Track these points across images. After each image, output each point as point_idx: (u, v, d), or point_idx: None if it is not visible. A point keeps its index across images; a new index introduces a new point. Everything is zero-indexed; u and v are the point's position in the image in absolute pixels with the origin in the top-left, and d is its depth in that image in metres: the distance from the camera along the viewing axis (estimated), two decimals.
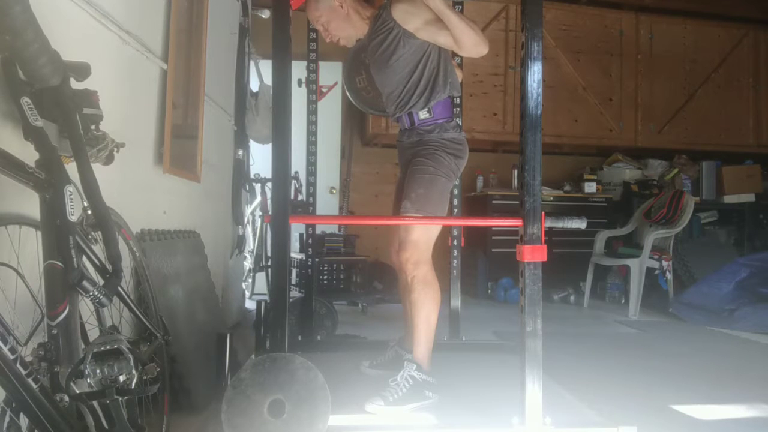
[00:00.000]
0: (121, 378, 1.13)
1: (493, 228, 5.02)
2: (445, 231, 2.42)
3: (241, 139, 3.92)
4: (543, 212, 1.64)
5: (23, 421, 1.06)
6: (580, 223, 1.94)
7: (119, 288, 1.40)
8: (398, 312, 2.83)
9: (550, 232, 4.82)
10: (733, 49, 6.04)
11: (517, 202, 1.68)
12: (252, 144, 4.11)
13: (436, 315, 2.02)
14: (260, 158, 4.20)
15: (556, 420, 1.61)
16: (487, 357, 2.56)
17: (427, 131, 2.09)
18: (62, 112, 1.35)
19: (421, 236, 2.00)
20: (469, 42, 1.93)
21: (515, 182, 5.42)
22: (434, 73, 2.07)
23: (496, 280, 5.16)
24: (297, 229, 4.07)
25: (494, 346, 2.77)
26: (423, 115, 2.09)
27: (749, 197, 5.78)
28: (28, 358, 1.08)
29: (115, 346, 1.13)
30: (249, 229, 4.66)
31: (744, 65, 6.07)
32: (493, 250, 5.15)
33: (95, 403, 1.13)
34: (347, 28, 2.12)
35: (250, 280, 4.81)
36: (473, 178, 5.52)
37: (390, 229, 2.33)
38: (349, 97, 2.44)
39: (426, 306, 1.99)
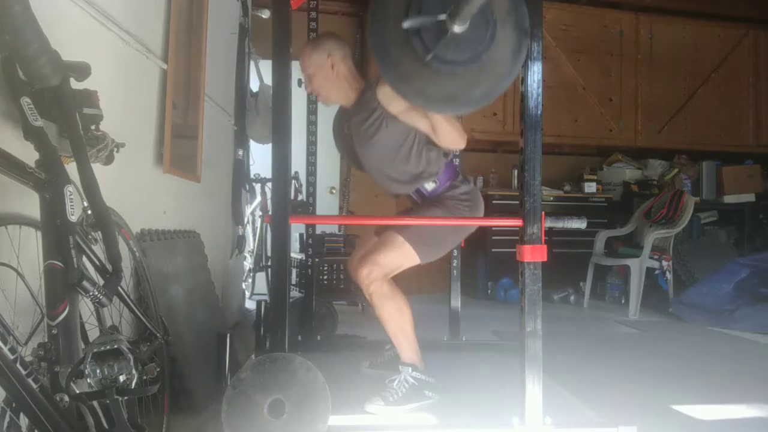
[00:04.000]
0: (121, 378, 1.13)
1: (493, 228, 5.02)
2: None
3: (241, 139, 3.91)
4: (543, 212, 1.64)
5: (23, 421, 1.06)
6: (580, 223, 1.95)
7: (119, 288, 1.40)
8: None
9: (550, 232, 4.82)
10: (733, 49, 6.03)
11: (517, 202, 1.68)
12: (252, 144, 4.10)
13: (407, 320, 2.00)
14: (260, 158, 4.19)
15: (556, 420, 1.61)
16: (487, 357, 2.56)
17: (438, 195, 2.10)
18: (62, 112, 1.35)
19: (388, 262, 1.98)
20: (447, 138, 1.96)
21: (515, 182, 5.42)
22: (426, 151, 2.04)
23: (496, 280, 5.16)
24: (297, 229, 4.07)
25: (494, 346, 2.77)
26: (430, 186, 2.10)
27: (749, 197, 5.77)
28: (28, 358, 1.08)
29: (115, 346, 1.13)
30: (249, 229, 4.66)
31: (744, 65, 6.06)
32: (493, 250, 5.15)
33: (95, 403, 1.13)
34: (331, 89, 2.11)
35: (250, 280, 4.80)
36: (474, 178, 5.52)
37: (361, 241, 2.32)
38: (334, 141, 2.43)
39: (393, 318, 1.98)
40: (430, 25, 1.41)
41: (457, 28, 1.39)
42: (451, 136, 1.95)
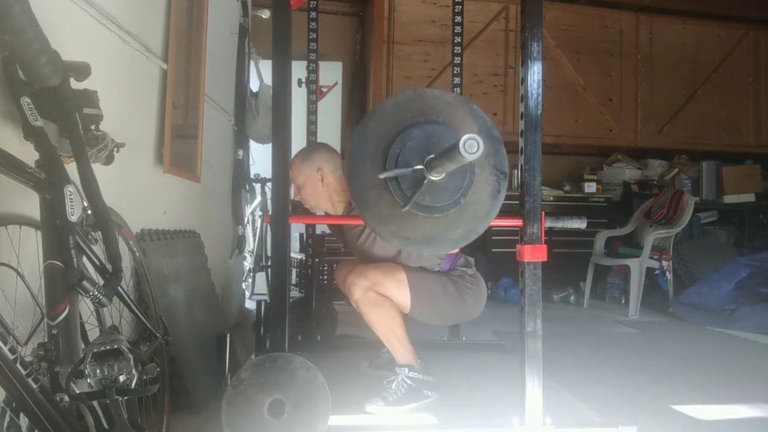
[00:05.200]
0: (121, 378, 1.13)
1: (493, 228, 4.99)
2: None
3: (241, 139, 3.91)
4: (543, 212, 1.64)
5: (23, 421, 1.06)
6: (580, 223, 1.94)
7: (119, 288, 1.40)
8: None
9: (550, 232, 4.82)
10: (733, 49, 6.03)
11: (517, 202, 1.68)
12: (252, 144, 4.10)
13: (398, 323, 1.99)
14: (260, 158, 4.20)
15: (556, 420, 1.61)
16: (487, 357, 2.56)
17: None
18: (62, 112, 1.35)
19: (381, 283, 1.96)
20: None
21: (515, 182, 5.42)
22: None
23: (496, 280, 5.16)
24: (297, 229, 4.07)
25: (494, 346, 2.77)
26: (436, 269, 2.10)
27: (749, 197, 5.77)
28: (28, 358, 1.08)
29: (115, 346, 1.13)
30: (249, 229, 4.66)
31: (744, 65, 6.06)
32: (493, 250, 5.15)
33: (95, 403, 1.13)
34: (320, 200, 2.17)
35: (250, 280, 4.80)
36: None
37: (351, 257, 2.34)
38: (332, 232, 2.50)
39: (382, 323, 1.98)
40: (407, 174, 1.42)
41: (435, 177, 1.39)
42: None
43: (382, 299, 1.96)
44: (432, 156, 1.37)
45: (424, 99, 1.52)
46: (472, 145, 1.11)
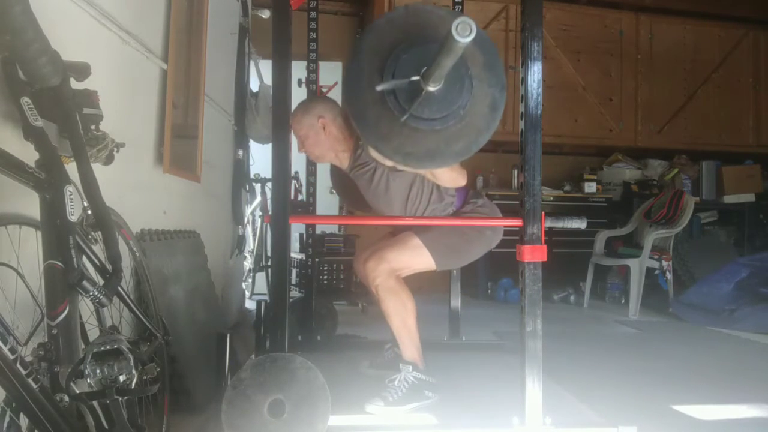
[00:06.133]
0: (121, 378, 1.12)
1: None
2: None
3: (241, 139, 3.91)
4: (543, 212, 1.64)
5: (23, 421, 1.06)
6: (580, 223, 1.94)
7: (119, 288, 1.40)
8: None
9: (550, 232, 4.81)
10: (733, 49, 6.03)
11: (517, 202, 1.68)
12: (252, 144, 4.10)
13: (412, 316, 2.01)
14: (260, 158, 4.20)
15: (556, 420, 1.61)
16: (487, 357, 2.56)
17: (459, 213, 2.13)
18: (62, 112, 1.35)
19: (399, 259, 1.99)
20: (446, 179, 1.99)
21: (515, 182, 5.42)
22: (434, 185, 2.07)
23: (496, 280, 5.16)
24: (297, 229, 4.07)
25: (494, 346, 2.77)
26: (448, 212, 2.12)
27: (749, 197, 5.77)
28: (28, 358, 1.08)
29: (115, 346, 1.13)
30: (249, 229, 4.66)
31: (744, 65, 6.06)
32: (493, 250, 5.14)
33: (95, 403, 1.13)
34: (323, 150, 2.14)
35: (250, 280, 4.80)
36: (473, 178, 5.52)
37: (377, 233, 2.33)
38: (336, 190, 2.47)
39: (398, 313, 1.99)
40: (404, 86, 1.42)
41: (432, 88, 1.39)
42: (448, 176, 1.97)
43: (401, 287, 1.99)
44: (427, 67, 1.36)
45: (418, 14, 1.52)
46: (464, 28, 1.08)
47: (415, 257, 2.01)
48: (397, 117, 1.44)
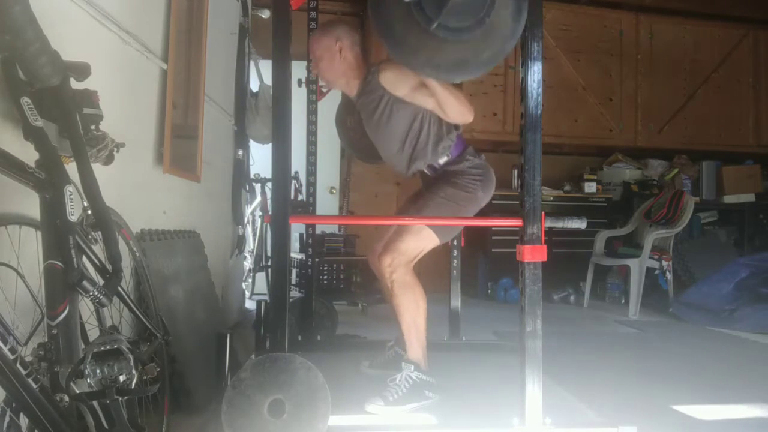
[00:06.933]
0: (121, 378, 1.12)
1: (493, 228, 5.01)
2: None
3: (241, 139, 3.91)
4: (543, 212, 1.64)
5: (23, 421, 1.06)
6: (580, 223, 1.94)
7: (119, 288, 1.40)
8: None
9: (550, 232, 4.81)
10: (733, 49, 6.03)
11: (517, 202, 1.68)
12: (252, 144, 4.10)
13: (422, 315, 2.01)
14: (260, 158, 4.20)
15: (556, 420, 1.61)
16: (487, 357, 2.55)
17: (451, 167, 2.11)
18: (62, 112, 1.35)
19: (410, 248, 2.00)
20: (454, 112, 1.97)
21: (515, 182, 5.41)
22: (438, 125, 2.07)
23: (496, 280, 5.16)
24: (297, 229, 4.07)
25: (494, 346, 2.77)
26: (443, 160, 2.11)
27: (749, 197, 5.77)
28: (28, 358, 1.08)
29: (115, 346, 1.13)
30: (249, 229, 4.66)
31: (744, 65, 6.06)
32: (493, 250, 5.15)
33: (95, 403, 1.13)
34: (336, 74, 2.13)
35: (250, 280, 4.80)
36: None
37: (378, 233, 2.34)
38: (337, 132, 2.46)
39: (409, 310, 1.99)
40: None
41: None
42: (457, 109, 1.96)
43: (416, 284, 2.01)
44: None
45: None
46: None
47: (423, 240, 2.02)
48: (426, 27, 1.47)
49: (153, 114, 2.29)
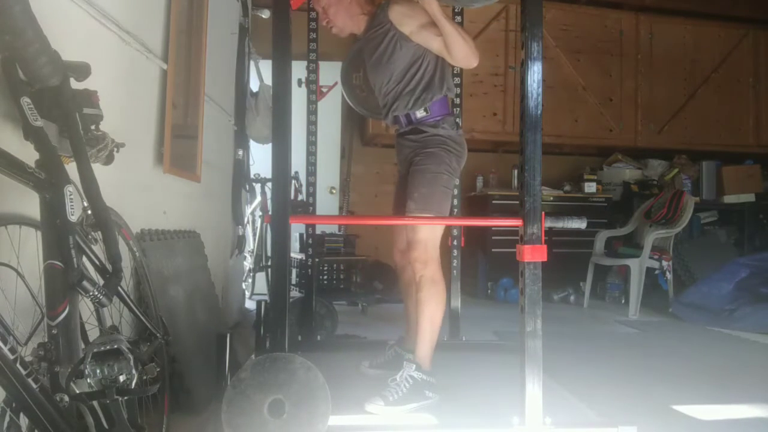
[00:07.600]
0: (121, 378, 1.12)
1: (493, 228, 5.02)
2: (446, 231, 2.43)
3: (241, 139, 3.91)
4: (543, 212, 1.64)
5: (23, 421, 1.06)
6: (580, 223, 1.94)
7: (119, 288, 1.40)
8: (398, 312, 2.83)
9: (550, 232, 4.82)
10: (733, 49, 6.03)
11: (517, 202, 1.68)
12: (252, 144, 4.11)
13: (440, 315, 2.03)
14: (260, 158, 4.20)
15: (556, 420, 1.61)
16: (487, 357, 2.56)
17: (426, 128, 2.10)
18: (62, 112, 1.35)
19: (428, 235, 2.01)
20: (460, 53, 1.96)
21: (515, 182, 5.42)
22: (431, 74, 2.09)
23: (496, 280, 5.16)
24: (297, 229, 4.07)
25: (494, 346, 2.77)
26: (420, 114, 2.11)
27: (749, 197, 5.77)
28: (28, 358, 1.08)
29: (115, 346, 1.13)
30: (249, 229, 4.66)
31: (744, 65, 6.06)
32: (493, 250, 5.15)
33: (95, 403, 1.13)
34: (345, 17, 2.15)
35: (250, 280, 4.81)
36: (473, 178, 5.51)
37: (392, 229, 2.34)
38: (343, 91, 2.48)
39: (431, 305, 2.00)
40: None
41: None
42: (463, 51, 1.95)
43: (442, 281, 2.03)
44: None
45: None
46: None
47: (431, 228, 2.03)
48: None
49: (153, 114, 2.29)
